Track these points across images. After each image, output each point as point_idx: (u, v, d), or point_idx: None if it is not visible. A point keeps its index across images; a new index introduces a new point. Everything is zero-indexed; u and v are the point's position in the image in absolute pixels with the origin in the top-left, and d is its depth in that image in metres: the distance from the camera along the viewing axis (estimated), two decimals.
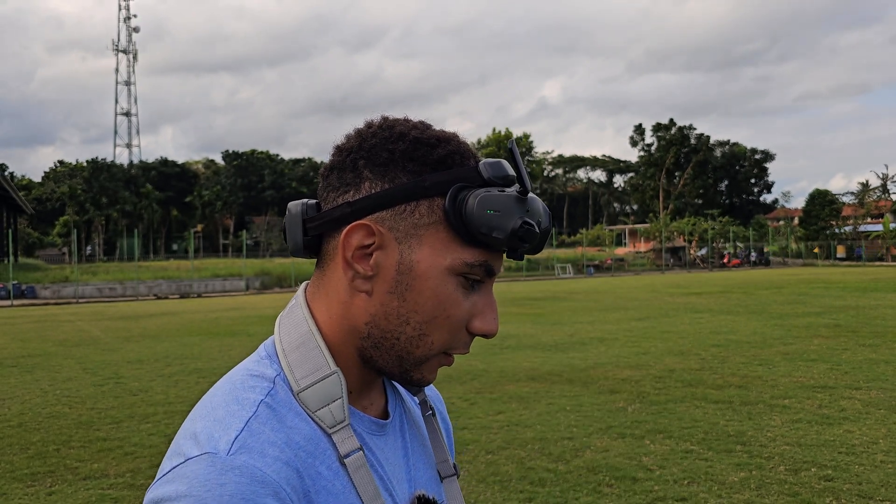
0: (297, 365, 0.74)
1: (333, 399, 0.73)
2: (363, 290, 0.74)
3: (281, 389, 0.73)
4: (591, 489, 4.61)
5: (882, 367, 8.45)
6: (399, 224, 0.73)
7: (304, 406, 0.72)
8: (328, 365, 0.74)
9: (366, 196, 0.73)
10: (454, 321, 0.73)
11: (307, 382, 0.73)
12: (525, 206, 0.72)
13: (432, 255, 0.72)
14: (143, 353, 11.55)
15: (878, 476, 4.70)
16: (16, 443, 6.11)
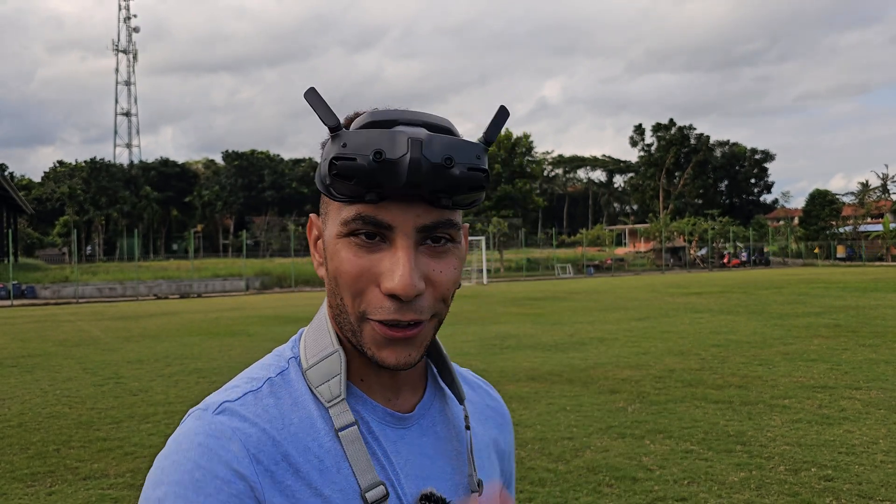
0: (310, 345, 0.79)
1: (333, 375, 0.76)
2: (322, 274, 0.79)
3: (294, 370, 0.78)
4: (591, 489, 4.61)
5: (882, 367, 8.45)
6: (323, 209, 0.78)
7: (309, 382, 0.76)
8: (332, 344, 0.77)
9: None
10: (348, 279, 0.72)
11: (314, 360, 0.78)
12: (340, 140, 0.68)
13: (331, 225, 0.74)
14: (143, 353, 11.55)
15: (878, 476, 4.70)
16: (16, 443, 6.10)
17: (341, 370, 0.76)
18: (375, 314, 0.71)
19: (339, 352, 0.77)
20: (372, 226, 0.70)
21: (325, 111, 0.69)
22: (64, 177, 71.50)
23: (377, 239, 0.71)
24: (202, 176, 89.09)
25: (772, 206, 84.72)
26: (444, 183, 0.68)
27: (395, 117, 0.70)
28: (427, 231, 0.71)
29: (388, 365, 0.73)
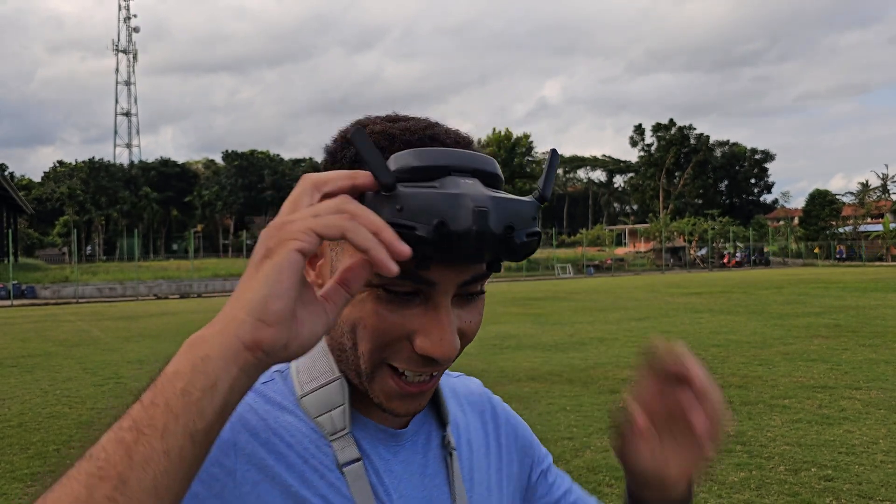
0: (304, 369, 0.72)
1: (335, 406, 0.70)
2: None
3: (283, 383, 0.72)
4: (591, 489, 4.61)
5: (882, 367, 8.45)
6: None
7: (305, 411, 0.70)
8: (332, 370, 0.71)
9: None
10: (373, 332, 0.64)
11: (310, 387, 0.71)
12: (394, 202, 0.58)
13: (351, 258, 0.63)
14: (143, 353, 11.54)
15: (878, 476, 4.70)
16: (16, 443, 6.10)
17: (345, 401, 0.70)
18: (399, 362, 0.65)
19: (340, 380, 0.70)
20: (413, 283, 0.62)
21: (379, 163, 0.57)
22: (64, 177, 71.51)
23: (411, 296, 0.63)
24: (202, 176, 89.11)
25: (772, 206, 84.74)
26: (501, 253, 0.61)
27: (446, 163, 0.61)
28: (465, 285, 0.65)
29: (398, 414, 0.69)
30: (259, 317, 0.50)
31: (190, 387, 0.49)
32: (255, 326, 0.50)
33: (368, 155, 0.58)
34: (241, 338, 0.50)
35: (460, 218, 0.57)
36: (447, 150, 0.62)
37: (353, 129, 0.59)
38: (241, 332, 0.50)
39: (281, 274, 0.51)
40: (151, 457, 0.47)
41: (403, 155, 0.61)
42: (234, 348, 0.50)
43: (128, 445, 0.47)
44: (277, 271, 0.51)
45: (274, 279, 0.51)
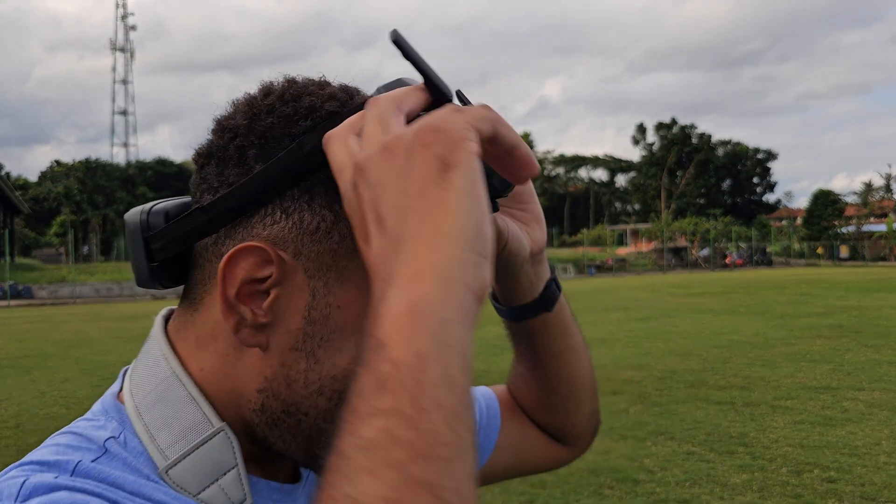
0: (160, 426, 0.50)
1: (224, 470, 0.50)
2: (253, 343, 0.51)
3: (116, 459, 0.49)
4: (592, 491, 4.57)
5: (885, 368, 8.40)
6: (310, 248, 0.50)
7: (180, 489, 0.49)
8: (208, 421, 0.51)
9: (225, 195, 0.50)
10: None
11: (178, 452, 0.50)
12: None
13: (360, 297, 0.49)
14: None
15: (881, 477, 4.66)
16: (13, 444, 6.07)
17: (237, 460, 0.51)
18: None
19: (224, 430, 0.51)
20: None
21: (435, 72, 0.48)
22: (60, 176, 71.57)
23: None
24: None
25: (774, 205, 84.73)
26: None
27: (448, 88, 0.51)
28: None
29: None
30: (480, 251, 0.39)
31: (451, 370, 0.37)
32: (479, 265, 0.39)
33: (424, 63, 0.47)
34: (470, 285, 0.39)
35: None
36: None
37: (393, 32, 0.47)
38: (468, 278, 0.39)
39: (479, 187, 0.40)
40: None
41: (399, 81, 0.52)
42: (468, 301, 0.39)
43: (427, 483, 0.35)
44: (474, 184, 0.40)
45: (476, 194, 0.40)
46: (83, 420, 0.53)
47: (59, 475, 0.45)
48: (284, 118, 0.51)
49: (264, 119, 0.51)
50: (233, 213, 0.50)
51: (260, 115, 0.52)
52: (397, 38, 0.47)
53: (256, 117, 0.52)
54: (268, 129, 0.51)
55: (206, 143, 0.55)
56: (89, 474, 0.46)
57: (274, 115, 0.51)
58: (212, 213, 0.50)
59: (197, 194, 0.54)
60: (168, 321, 0.57)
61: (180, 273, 0.55)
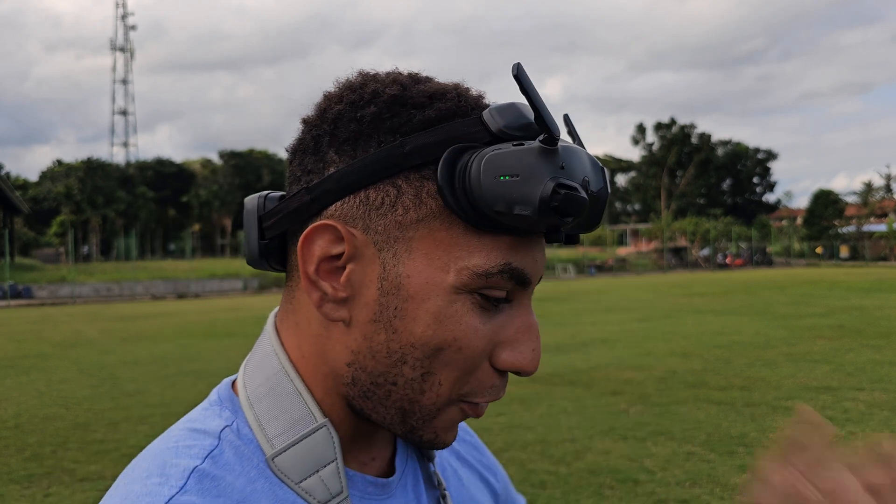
0: (269, 418, 0.55)
1: (324, 463, 0.55)
2: (337, 317, 0.54)
3: (229, 448, 0.54)
4: (592, 491, 4.56)
5: (886, 369, 8.40)
6: (377, 222, 0.52)
7: (283, 475, 0.54)
8: (312, 416, 0.55)
9: (327, 178, 0.54)
10: (469, 356, 0.52)
11: (284, 442, 0.54)
12: (557, 160, 0.49)
13: (428, 265, 0.51)
14: (139, 354, 11.50)
15: None
16: (12, 444, 6.07)
17: (336, 454, 0.55)
18: (485, 396, 0.54)
19: (326, 426, 0.55)
20: (515, 283, 0.52)
21: (544, 107, 0.49)
22: (60, 176, 71.56)
23: (503, 300, 0.53)
24: (199, 175, 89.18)
25: (775, 205, 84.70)
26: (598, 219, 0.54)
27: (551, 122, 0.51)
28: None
29: (446, 445, 0.57)
30: None
31: None
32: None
33: (538, 99, 0.49)
34: None
35: (598, 179, 0.52)
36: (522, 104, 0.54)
37: (517, 65, 0.49)
38: None
39: None
40: None
41: (502, 108, 0.52)
42: None
43: None
44: None
45: None
46: (198, 412, 0.58)
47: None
48: (350, 104, 0.54)
49: (333, 107, 0.55)
50: (332, 193, 0.54)
51: (331, 104, 0.56)
52: (518, 73, 0.49)
53: (328, 107, 0.56)
54: (337, 116, 0.55)
55: (295, 140, 0.59)
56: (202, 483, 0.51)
57: (342, 102, 0.55)
58: (314, 193, 0.54)
59: (287, 186, 0.59)
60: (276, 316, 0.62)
61: (285, 258, 0.60)
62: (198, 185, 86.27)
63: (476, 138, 0.51)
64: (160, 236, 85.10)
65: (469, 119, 0.52)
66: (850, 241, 56.05)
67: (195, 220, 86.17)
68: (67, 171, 72.86)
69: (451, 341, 0.51)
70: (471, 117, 0.52)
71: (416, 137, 0.51)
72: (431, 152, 0.51)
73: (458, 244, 0.51)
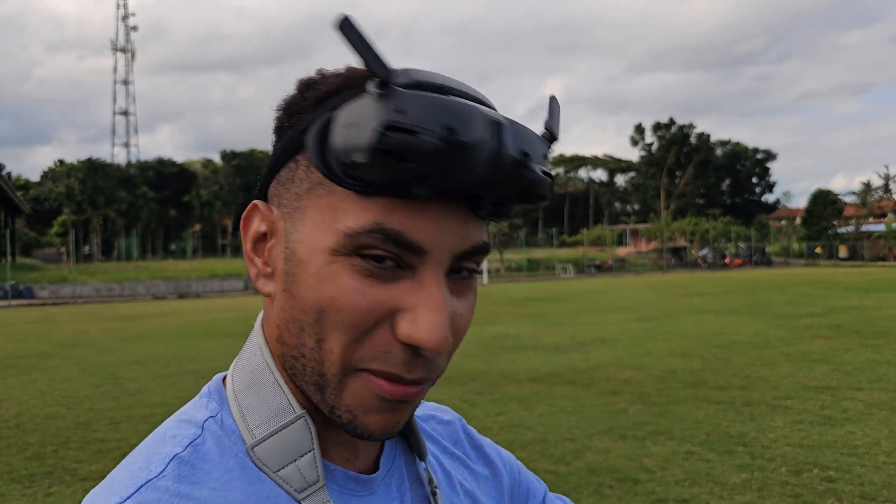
0: (251, 409, 0.57)
1: (301, 453, 0.55)
2: (266, 292, 0.56)
3: (211, 437, 0.55)
4: (592, 491, 4.57)
5: (885, 368, 8.41)
6: (284, 197, 0.55)
7: (261, 464, 0.55)
8: (291, 407, 0.56)
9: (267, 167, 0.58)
10: (351, 315, 0.50)
11: (264, 432, 0.55)
12: (390, 104, 0.47)
13: (314, 230, 0.52)
14: (141, 353, 11.51)
15: (881, 477, 4.67)
16: (13, 444, 6.07)
17: (314, 444, 0.56)
18: (374, 363, 0.51)
19: (303, 417, 0.56)
20: (395, 246, 0.50)
21: (372, 54, 0.48)
22: (61, 176, 71.50)
23: (389, 264, 0.50)
24: (200, 175, 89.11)
25: (774, 205, 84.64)
26: (515, 187, 0.50)
27: (443, 83, 0.52)
28: (462, 258, 0.53)
29: (373, 434, 0.54)
30: None
31: None
32: None
33: (358, 43, 0.48)
34: None
35: (473, 128, 0.47)
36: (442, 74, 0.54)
37: (340, 18, 0.49)
38: None
39: None
40: None
41: (404, 70, 0.52)
42: None
43: None
44: None
45: None
46: (190, 402, 0.60)
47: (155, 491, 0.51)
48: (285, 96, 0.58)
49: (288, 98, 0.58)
50: (265, 178, 0.58)
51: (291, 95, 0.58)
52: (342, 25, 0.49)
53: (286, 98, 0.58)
54: (278, 109, 0.58)
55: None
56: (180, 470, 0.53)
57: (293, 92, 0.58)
58: (262, 180, 0.58)
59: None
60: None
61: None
62: (199, 185, 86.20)
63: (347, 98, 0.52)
64: (161, 236, 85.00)
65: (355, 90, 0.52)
66: (848, 241, 56.01)
67: (196, 220, 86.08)
68: (68, 171, 72.77)
69: (330, 300, 0.50)
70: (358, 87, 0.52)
71: (311, 114, 0.53)
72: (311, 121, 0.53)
73: (337, 208, 0.51)
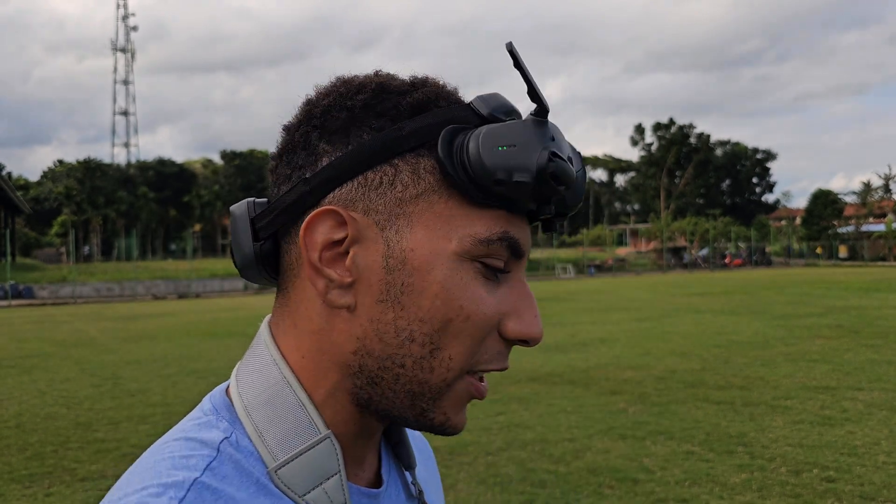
0: (269, 428, 0.53)
1: (328, 476, 0.54)
2: (342, 304, 0.53)
3: (229, 460, 0.52)
4: (591, 491, 4.57)
5: (884, 368, 8.41)
6: (377, 202, 0.53)
7: (286, 488, 0.53)
8: (315, 427, 0.54)
9: (326, 166, 0.54)
10: (478, 324, 0.53)
11: (287, 454, 0.53)
12: (548, 132, 0.53)
13: (430, 237, 0.52)
14: (141, 353, 11.51)
15: (880, 477, 4.67)
16: (13, 444, 6.07)
17: (340, 467, 0.54)
18: (492, 364, 0.55)
19: (329, 438, 0.54)
20: (510, 253, 0.54)
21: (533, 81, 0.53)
22: (61, 176, 71.46)
23: (505, 271, 0.55)
24: (200, 175, 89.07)
25: (774, 205, 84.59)
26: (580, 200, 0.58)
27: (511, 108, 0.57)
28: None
29: (457, 431, 0.56)
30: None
31: None
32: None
33: (529, 73, 0.52)
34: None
35: (573, 154, 0.56)
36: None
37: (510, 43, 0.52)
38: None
39: None
40: None
41: (489, 96, 0.56)
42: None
43: None
44: None
45: None
46: (192, 421, 0.55)
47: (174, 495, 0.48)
48: (339, 95, 0.56)
49: (321, 102, 0.56)
50: (332, 181, 0.54)
51: (318, 102, 0.56)
52: (512, 49, 0.52)
53: (314, 105, 0.57)
54: (325, 109, 0.56)
55: (276, 149, 0.59)
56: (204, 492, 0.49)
57: (330, 96, 0.56)
58: (312, 183, 0.54)
59: (274, 189, 0.58)
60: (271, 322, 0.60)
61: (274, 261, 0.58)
62: (199, 185, 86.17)
63: (468, 121, 0.54)
64: (161, 236, 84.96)
65: (459, 105, 0.55)
66: (848, 241, 56.00)
67: (196, 220, 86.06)
68: (68, 171, 72.73)
69: (459, 310, 0.52)
70: (460, 104, 0.55)
71: (412, 121, 0.53)
72: (428, 133, 0.53)
73: (457, 215, 0.52)
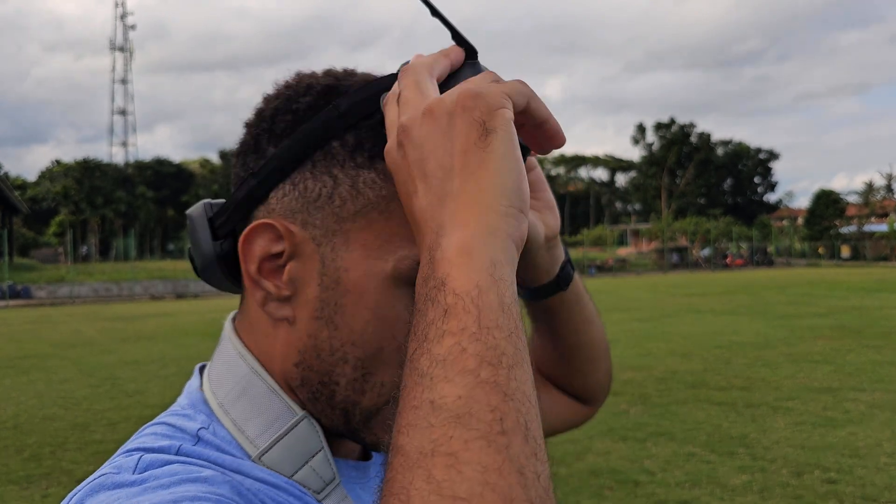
0: (246, 420, 0.54)
1: (312, 453, 0.54)
2: (280, 316, 0.54)
3: (209, 445, 0.52)
4: (592, 493, 4.55)
5: (886, 369, 8.38)
6: (315, 216, 0.52)
7: (275, 471, 0.53)
8: (291, 410, 0.54)
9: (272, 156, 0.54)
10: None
11: (268, 440, 0.53)
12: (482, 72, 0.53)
13: (366, 256, 0.51)
14: (139, 354, 11.49)
15: (883, 479, 4.65)
16: (11, 445, 6.06)
17: (322, 442, 0.54)
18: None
19: (307, 418, 0.54)
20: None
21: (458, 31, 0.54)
22: (59, 176, 71.51)
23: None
24: (198, 175, 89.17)
25: (776, 205, 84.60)
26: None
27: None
28: None
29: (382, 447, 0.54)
30: (519, 207, 0.44)
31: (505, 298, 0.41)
32: (518, 218, 0.44)
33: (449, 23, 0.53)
34: (512, 235, 0.43)
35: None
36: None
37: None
38: (510, 228, 0.43)
39: (516, 150, 0.45)
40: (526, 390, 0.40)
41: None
42: (510, 249, 0.43)
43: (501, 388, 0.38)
44: (513, 147, 0.44)
45: (515, 156, 0.44)
46: (171, 414, 0.55)
47: (167, 455, 0.49)
48: (286, 99, 0.55)
49: (271, 104, 0.56)
50: (278, 171, 0.54)
51: (269, 103, 0.57)
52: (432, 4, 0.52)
53: (266, 106, 0.57)
54: (273, 111, 0.55)
55: (237, 145, 0.60)
56: (192, 454, 0.50)
57: (279, 98, 0.56)
58: (260, 176, 0.54)
59: (232, 189, 0.58)
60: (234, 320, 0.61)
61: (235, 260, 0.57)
62: (197, 185, 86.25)
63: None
64: (159, 236, 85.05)
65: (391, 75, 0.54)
66: (851, 241, 56.01)
67: None
68: (66, 171, 72.77)
69: (391, 339, 0.51)
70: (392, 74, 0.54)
71: (347, 97, 0.53)
72: (366, 105, 0.52)
73: (398, 234, 0.51)
